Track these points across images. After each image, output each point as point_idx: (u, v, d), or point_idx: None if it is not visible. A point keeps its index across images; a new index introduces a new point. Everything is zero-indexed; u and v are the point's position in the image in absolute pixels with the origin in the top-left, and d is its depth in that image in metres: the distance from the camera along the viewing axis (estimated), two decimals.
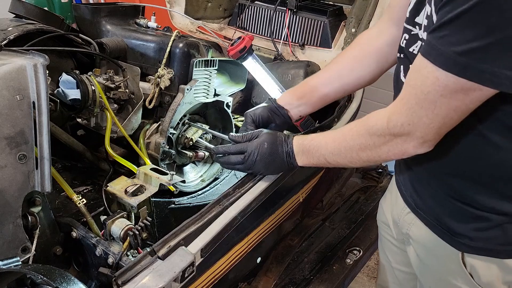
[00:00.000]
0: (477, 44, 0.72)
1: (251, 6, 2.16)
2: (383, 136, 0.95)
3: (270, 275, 1.48)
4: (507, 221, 0.93)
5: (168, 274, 0.95)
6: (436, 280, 1.11)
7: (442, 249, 1.04)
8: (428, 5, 0.84)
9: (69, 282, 0.84)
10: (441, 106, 0.81)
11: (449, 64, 0.76)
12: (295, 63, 1.86)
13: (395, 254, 1.29)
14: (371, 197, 2.10)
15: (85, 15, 1.63)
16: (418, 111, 0.85)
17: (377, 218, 1.39)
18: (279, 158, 1.18)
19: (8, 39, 1.29)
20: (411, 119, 0.87)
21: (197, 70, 1.50)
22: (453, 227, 1.00)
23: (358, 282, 2.53)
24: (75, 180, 1.40)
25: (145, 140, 1.46)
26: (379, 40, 1.24)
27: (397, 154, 0.95)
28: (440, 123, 0.84)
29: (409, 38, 0.97)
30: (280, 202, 1.41)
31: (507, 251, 0.96)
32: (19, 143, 0.98)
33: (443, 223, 1.02)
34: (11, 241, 0.98)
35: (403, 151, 0.93)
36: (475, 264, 0.99)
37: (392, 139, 0.93)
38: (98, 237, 1.10)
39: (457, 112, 0.82)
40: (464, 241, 0.99)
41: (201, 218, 1.11)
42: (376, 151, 0.98)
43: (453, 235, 1.00)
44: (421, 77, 0.82)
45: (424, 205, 1.07)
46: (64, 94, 1.34)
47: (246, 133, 1.23)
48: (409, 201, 1.13)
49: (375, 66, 1.27)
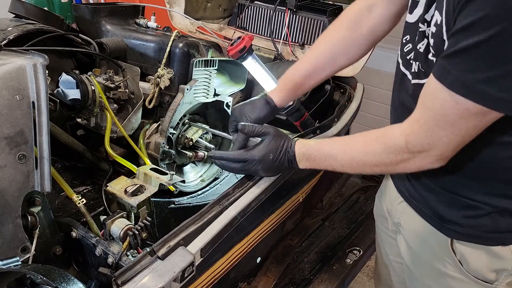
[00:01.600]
0: (494, 73, 0.74)
1: (251, 6, 2.16)
2: (401, 155, 0.95)
3: (270, 275, 1.48)
4: (496, 210, 0.95)
5: (168, 274, 0.95)
6: (426, 268, 1.12)
7: (432, 237, 1.05)
8: (438, 13, 0.84)
9: (69, 282, 0.84)
10: (461, 127, 0.83)
11: (467, 91, 0.78)
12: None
13: (392, 246, 1.30)
14: (371, 197, 2.10)
15: (85, 15, 1.63)
16: (437, 132, 0.86)
17: (373, 212, 1.40)
18: (281, 165, 1.17)
19: (8, 39, 1.29)
20: (431, 140, 0.88)
21: (197, 70, 1.50)
22: (444, 214, 1.02)
23: (358, 282, 2.53)
24: (75, 180, 1.40)
25: (145, 140, 1.46)
26: (371, 16, 1.20)
27: (413, 169, 0.97)
28: (459, 142, 0.86)
29: (415, 33, 0.96)
30: (280, 202, 1.41)
31: (495, 238, 0.97)
32: (18, 143, 0.98)
33: (435, 211, 1.04)
34: (10, 241, 0.98)
35: (419, 167, 0.95)
36: (464, 251, 1.01)
37: (410, 158, 0.94)
38: (98, 237, 1.10)
39: (475, 130, 0.84)
40: (454, 228, 1.00)
41: (201, 218, 1.11)
42: (393, 167, 0.99)
43: (444, 222, 1.02)
44: (438, 100, 0.83)
45: (417, 193, 1.08)
46: (64, 94, 1.34)
47: (253, 126, 1.20)
48: (402, 191, 1.14)
49: (367, 46, 1.25)
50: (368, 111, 3.07)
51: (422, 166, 0.94)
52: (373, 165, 1.01)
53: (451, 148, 0.88)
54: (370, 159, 1.02)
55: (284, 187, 1.37)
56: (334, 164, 1.10)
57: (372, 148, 1.01)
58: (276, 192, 1.31)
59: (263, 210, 1.31)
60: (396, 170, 1.00)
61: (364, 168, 1.04)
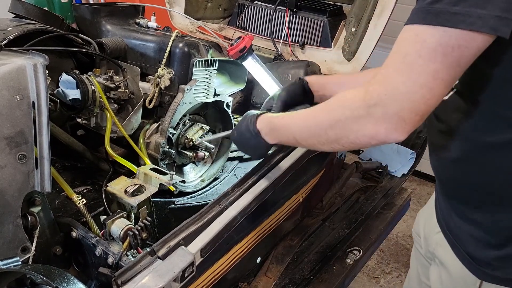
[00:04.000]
0: None
1: (251, 6, 2.16)
2: (356, 110, 0.85)
3: (270, 275, 1.48)
4: None
5: (168, 274, 0.95)
6: None
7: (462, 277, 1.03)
8: None
9: (69, 282, 0.84)
10: (419, 70, 0.75)
11: (423, 16, 0.74)
12: (295, 63, 1.86)
13: (424, 267, 1.28)
14: (371, 197, 2.09)
15: (85, 15, 1.63)
16: (395, 77, 0.78)
17: (413, 228, 1.37)
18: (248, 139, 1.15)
19: (8, 39, 1.29)
20: (387, 88, 0.79)
21: (197, 70, 1.50)
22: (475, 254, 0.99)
23: (358, 282, 2.53)
24: (75, 180, 1.40)
25: (145, 140, 1.46)
26: None
27: (366, 136, 0.85)
28: (418, 95, 0.77)
29: None
30: (280, 202, 1.41)
31: None
32: (19, 143, 0.98)
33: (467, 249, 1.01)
34: (11, 241, 0.98)
35: (373, 132, 0.83)
36: None
37: (364, 115, 0.83)
38: (98, 237, 1.10)
39: (436, 79, 0.75)
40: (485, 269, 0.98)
41: (201, 218, 1.11)
42: (345, 129, 0.88)
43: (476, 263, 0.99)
44: (401, 40, 0.78)
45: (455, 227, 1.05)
46: (64, 94, 1.34)
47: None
48: (442, 222, 1.11)
49: None
50: None
51: (377, 132, 0.82)
52: (328, 125, 0.92)
53: (409, 104, 0.77)
54: (325, 117, 0.94)
55: (284, 187, 1.37)
56: (295, 132, 1.04)
57: (330, 103, 0.94)
58: (276, 192, 1.31)
59: (263, 210, 1.31)
60: (349, 135, 0.88)
61: (320, 131, 0.95)
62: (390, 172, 2.24)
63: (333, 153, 1.74)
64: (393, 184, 2.18)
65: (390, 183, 2.19)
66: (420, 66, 0.75)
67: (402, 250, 2.85)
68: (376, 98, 0.80)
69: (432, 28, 0.73)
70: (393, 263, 2.73)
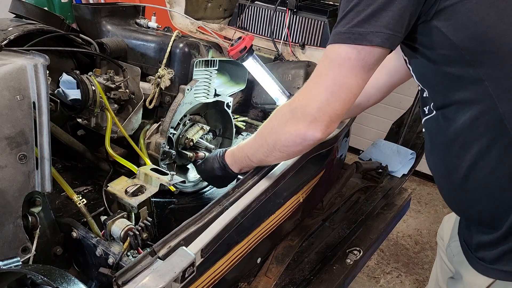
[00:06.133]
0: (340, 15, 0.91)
1: (251, 6, 2.16)
2: (284, 115, 1.03)
3: (270, 275, 1.48)
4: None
5: (169, 274, 0.95)
6: None
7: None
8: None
9: (69, 282, 0.84)
10: (327, 78, 0.93)
11: (332, 38, 0.93)
12: (295, 63, 1.86)
13: (444, 273, 1.30)
14: (371, 197, 2.09)
15: (85, 15, 1.63)
16: (310, 85, 0.98)
17: (437, 231, 1.40)
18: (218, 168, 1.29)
19: (9, 39, 1.29)
20: (304, 92, 0.99)
21: (198, 70, 1.50)
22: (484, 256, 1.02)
23: (358, 282, 2.53)
24: (75, 180, 1.40)
25: (145, 140, 1.46)
26: (369, 103, 1.45)
27: (292, 134, 1.01)
28: (323, 97, 0.94)
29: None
30: (280, 202, 1.41)
31: None
32: (19, 143, 0.98)
33: (478, 254, 1.04)
34: (11, 241, 0.98)
35: (296, 131, 0.99)
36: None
37: (290, 117, 1.01)
38: (98, 237, 1.10)
39: (336, 84, 0.92)
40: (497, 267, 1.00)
41: (201, 219, 1.11)
42: (278, 132, 1.05)
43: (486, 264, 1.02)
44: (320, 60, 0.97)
45: (469, 238, 1.09)
46: (64, 94, 1.34)
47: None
48: (460, 231, 1.15)
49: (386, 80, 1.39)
50: (368, 111, 3.07)
51: (300, 131, 0.98)
52: (267, 133, 1.10)
53: (318, 105, 0.94)
54: (265, 127, 1.12)
55: (285, 187, 1.37)
56: (247, 151, 1.20)
57: (270, 117, 1.11)
58: (276, 193, 1.31)
59: (263, 210, 1.31)
60: (282, 138, 1.04)
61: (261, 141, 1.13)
62: (390, 172, 2.24)
63: (333, 153, 1.74)
64: (393, 184, 2.18)
65: (390, 183, 2.19)
66: (324, 75, 0.95)
67: (402, 250, 2.85)
68: (297, 102, 1.00)
69: (336, 45, 0.92)
70: (393, 263, 2.74)
